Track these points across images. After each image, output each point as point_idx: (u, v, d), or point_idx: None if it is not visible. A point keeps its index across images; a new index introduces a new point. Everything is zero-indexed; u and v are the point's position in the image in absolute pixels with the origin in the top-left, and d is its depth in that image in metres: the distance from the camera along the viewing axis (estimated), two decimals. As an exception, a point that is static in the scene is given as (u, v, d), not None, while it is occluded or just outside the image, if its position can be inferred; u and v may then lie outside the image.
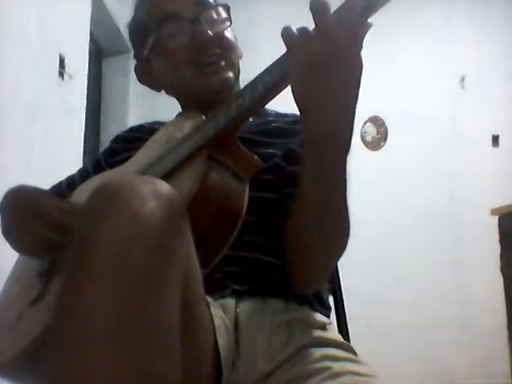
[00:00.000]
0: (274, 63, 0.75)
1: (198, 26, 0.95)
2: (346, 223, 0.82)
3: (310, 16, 0.69)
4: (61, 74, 2.36)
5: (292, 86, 0.71)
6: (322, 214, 0.79)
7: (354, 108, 0.71)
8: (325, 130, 0.71)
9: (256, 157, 0.84)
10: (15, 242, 0.92)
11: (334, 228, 0.81)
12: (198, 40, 0.95)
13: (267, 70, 0.77)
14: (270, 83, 0.76)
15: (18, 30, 2.00)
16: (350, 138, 0.74)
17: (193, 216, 0.64)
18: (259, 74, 0.78)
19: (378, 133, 4.04)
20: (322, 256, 0.84)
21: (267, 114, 1.06)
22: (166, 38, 0.97)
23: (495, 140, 4.05)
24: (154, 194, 0.59)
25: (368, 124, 4.02)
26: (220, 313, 0.80)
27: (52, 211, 0.88)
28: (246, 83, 0.82)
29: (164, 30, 0.97)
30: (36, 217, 0.88)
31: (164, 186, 0.62)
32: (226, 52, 0.98)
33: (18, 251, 0.94)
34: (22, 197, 0.95)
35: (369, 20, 0.67)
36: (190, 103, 1.01)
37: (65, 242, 0.84)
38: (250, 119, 0.95)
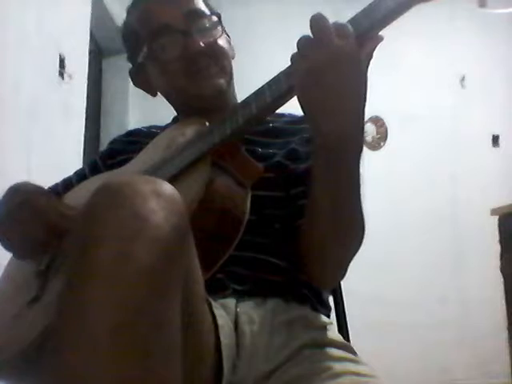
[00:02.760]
0: (281, 72, 0.77)
1: (189, 39, 0.95)
2: (359, 221, 0.82)
3: (309, 16, 0.70)
4: (61, 74, 2.36)
5: (297, 95, 0.73)
6: (335, 215, 0.80)
7: (362, 111, 0.72)
8: (332, 135, 0.72)
9: (259, 164, 0.85)
10: (7, 237, 0.92)
11: (348, 226, 0.82)
12: (191, 52, 0.95)
13: (274, 80, 0.78)
14: (276, 93, 0.77)
15: (17, 30, 2.00)
16: (361, 141, 0.75)
17: (196, 221, 0.64)
18: (266, 83, 0.79)
19: (377, 133, 4.04)
20: (336, 255, 0.85)
21: None
22: (158, 51, 0.97)
23: (495, 140, 4.05)
24: (156, 193, 0.59)
25: (368, 124, 4.01)
26: (222, 313, 0.80)
27: (50, 212, 0.87)
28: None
29: (156, 43, 0.97)
30: (32, 215, 0.87)
31: (165, 186, 0.62)
32: (218, 60, 0.98)
33: (7, 248, 0.93)
34: (21, 193, 0.94)
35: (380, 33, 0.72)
36: (184, 110, 1.02)
37: (55, 245, 0.84)
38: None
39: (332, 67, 0.68)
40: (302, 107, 0.73)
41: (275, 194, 0.92)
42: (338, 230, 0.81)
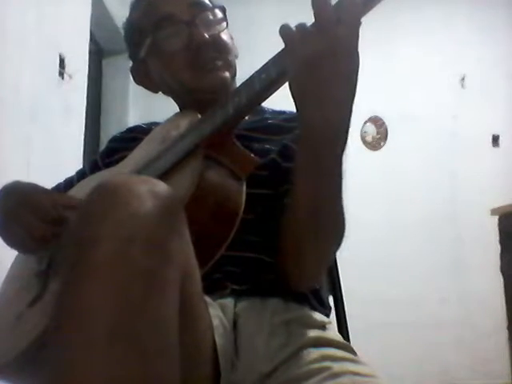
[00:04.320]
0: (270, 61, 0.76)
1: (194, 29, 0.95)
2: (340, 220, 0.81)
3: (310, 16, 0.69)
4: (61, 74, 2.36)
5: (290, 82, 0.72)
6: (315, 209, 0.78)
7: (351, 104, 0.71)
8: (321, 125, 0.71)
9: (253, 155, 0.84)
10: (8, 236, 0.92)
11: (328, 223, 0.81)
12: (195, 43, 0.95)
13: (263, 68, 0.77)
14: (266, 81, 0.76)
15: (17, 30, 2.00)
16: (346, 135, 0.73)
17: (190, 215, 0.64)
18: (255, 72, 0.78)
19: (378, 133, 4.04)
20: (314, 252, 0.83)
21: (263, 111, 1.06)
22: (162, 41, 0.97)
23: (495, 140, 4.05)
24: (152, 193, 0.59)
25: (368, 124, 4.02)
26: (218, 313, 0.80)
27: (46, 205, 0.88)
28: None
29: (161, 33, 0.97)
30: (30, 211, 0.88)
31: (161, 186, 0.62)
32: (223, 54, 0.98)
33: (10, 246, 0.94)
34: (17, 192, 0.94)
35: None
36: (188, 103, 1.01)
37: (58, 236, 0.84)
38: (246, 117, 0.95)
39: (331, 56, 0.66)
40: (292, 95, 0.72)
41: (270, 192, 0.92)
42: (318, 223, 0.80)
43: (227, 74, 0.98)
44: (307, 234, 0.81)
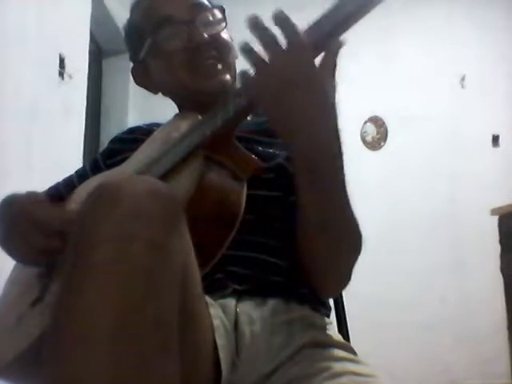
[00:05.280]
0: None
1: (193, 29, 0.96)
2: (352, 227, 0.82)
3: (311, 16, 0.69)
4: (61, 74, 2.36)
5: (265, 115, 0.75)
6: (324, 224, 0.79)
7: (328, 122, 0.73)
8: (307, 150, 0.73)
9: (254, 156, 0.84)
10: (10, 248, 0.91)
11: (340, 234, 0.82)
12: (195, 43, 0.95)
13: None
14: None
15: (17, 30, 2.00)
16: (336, 149, 0.75)
17: (191, 216, 0.64)
18: None
19: (378, 133, 4.04)
20: (333, 265, 0.84)
21: None
22: (162, 42, 0.97)
23: (495, 140, 4.05)
24: (152, 193, 0.59)
25: (368, 124, 4.02)
26: (219, 313, 0.80)
27: (52, 221, 0.86)
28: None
29: (160, 34, 0.97)
30: (32, 224, 0.86)
31: (162, 186, 0.62)
32: (223, 54, 0.98)
33: (12, 258, 0.92)
34: (19, 208, 0.92)
35: (340, 38, 0.72)
36: (187, 105, 1.01)
37: (59, 250, 0.84)
38: (248, 118, 0.95)
39: (283, 86, 0.70)
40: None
41: (275, 194, 0.92)
42: (330, 236, 0.81)
43: (227, 76, 0.98)
44: (321, 250, 0.82)
